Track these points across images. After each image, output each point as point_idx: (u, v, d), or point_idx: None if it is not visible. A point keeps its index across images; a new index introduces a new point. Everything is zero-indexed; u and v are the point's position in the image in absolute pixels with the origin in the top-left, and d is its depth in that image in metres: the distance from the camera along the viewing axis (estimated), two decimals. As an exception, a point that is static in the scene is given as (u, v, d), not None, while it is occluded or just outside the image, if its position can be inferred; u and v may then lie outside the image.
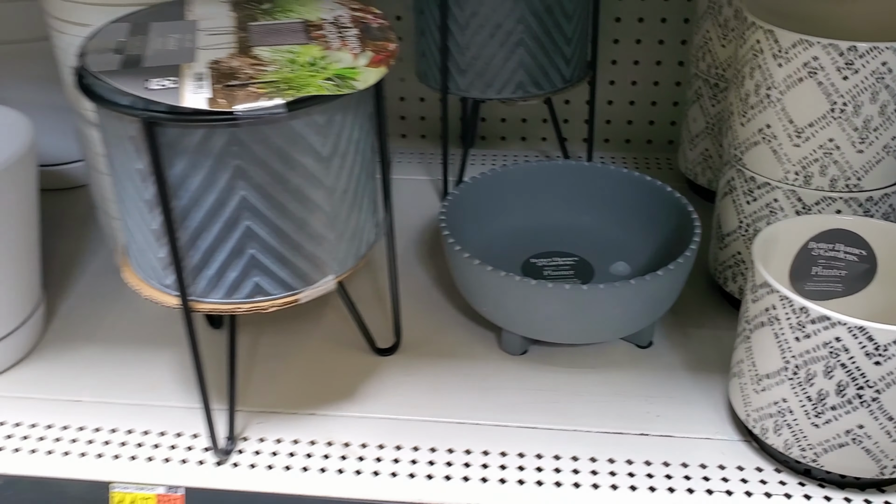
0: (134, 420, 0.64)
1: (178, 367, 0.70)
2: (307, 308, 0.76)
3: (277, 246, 0.54)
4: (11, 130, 0.68)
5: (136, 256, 0.57)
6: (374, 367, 0.69)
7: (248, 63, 0.51)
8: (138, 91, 0.48)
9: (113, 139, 0.52)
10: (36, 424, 0.64)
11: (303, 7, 0.60)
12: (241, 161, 0.50)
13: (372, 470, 0.60)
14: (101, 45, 0.53)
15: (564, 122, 1.05)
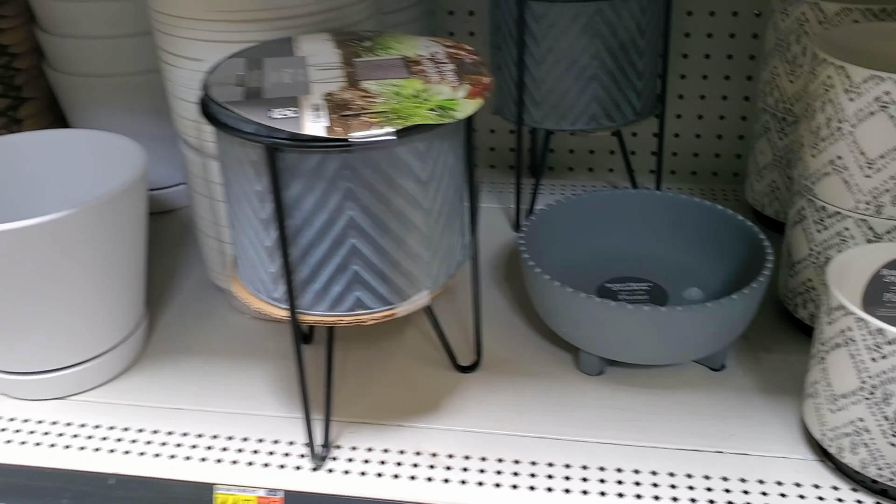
0: (233, 427, 0.68)
1: (271, 379, 0.74)
2: (389, 326, 0.80)
3: (378, 263, 0.58)
4: (126, 158, 0.73)
5: (246, 271, 0.61)
6: (455, 384, 0.72)
7: (359, 95, 0.55)
8: (262, 120, 0.52)
9: (233, 163, 0.57)
10: (143, 429, 0.69)
11: (400, 44, 0.64)
12: (351, 184, 0.54)
13: (459, 479, 0.63)
14: (222, 79, 0.58)
15: (631, 153, 1.09)
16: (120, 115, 0.95)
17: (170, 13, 0.68)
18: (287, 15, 0.67)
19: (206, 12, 0.66)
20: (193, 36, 0.68)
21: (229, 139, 0.56)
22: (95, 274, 0.68)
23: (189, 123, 0.73)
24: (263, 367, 0.75)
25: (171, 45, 0.70)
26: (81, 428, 0.69)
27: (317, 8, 0.67)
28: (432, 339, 0.78)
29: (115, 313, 0.72)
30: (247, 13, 0.66)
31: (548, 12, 0.83)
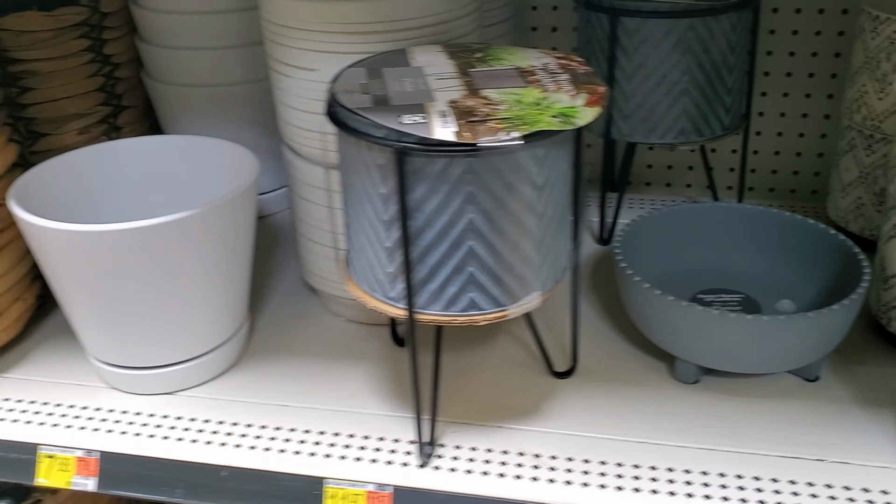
0: (339, 424, 0.71)
1: (370, 379, 0.76)
2: (482, 332, 0.81)
3: (493, 265, 0.59)
4: (239, 165, 0.76)
5: (362, 271, 0.64)
6: (552, 389, 0.74)
7: (481, 102, 0.57)
8: (394, 125, 0.55)
9: (358, 167, 0.59)
10: (251, 424, 0.71)
11: (511, 55, 0.66)
12: (473, 187, 0.56)
13: (564, 480, 0.64)
14: (347, 87, 0.61)
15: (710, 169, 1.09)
16: (215, 123, 0.99)
17: (286, 24, 0.71)
18: (399, 28, 0.69)
19: (322, 24, 0.69)
20: (308, 47, 0.71)
21: (356, 144, 0.58)
22: (211, 273, 0.70)
23: (297, 130, 0.76)
24: (361, 367, 0.78)
25: (284, 55, 0.73)
26: (191, 422, 0.72)
27: (428, 21, 0.70)
28: (524, 344, 0.80)
29: (225, 312, 0.74)
30: (362, 25, 0.69)
31: (641, 27, 0.85)
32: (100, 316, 0.70)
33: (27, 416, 0.73)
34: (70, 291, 0.70)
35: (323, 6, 0.68)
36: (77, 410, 0.74)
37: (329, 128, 0.73)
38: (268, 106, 0.99)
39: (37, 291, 0.83)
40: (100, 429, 0.72)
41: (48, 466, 0.69)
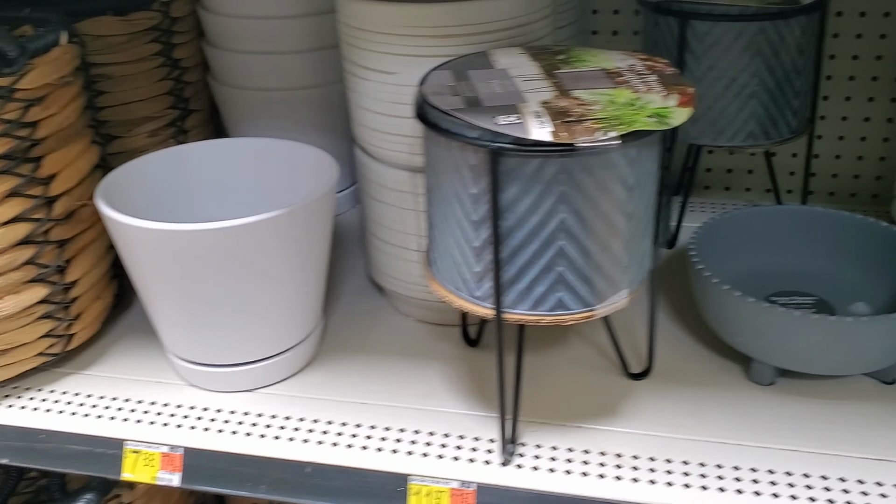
0: (418, 422, 0.71)
1: (446, 379, 0.77)
2: (553, 334, 0.82)
3: (582, 265, 0.60)
4: (316, 167, 0.77)
5: (446, 271, 0.64)
6: (628, 390, 0.74)
7: (574, 103, 0.58)
8: (489, 126, 0.55)
9: (448, 168, 0.60)
10: (332, 421, 0.72)
11: (594, 57, 0.67)
12: (566, 188, 0.57)
13: (648, 479, 0.65)
14: (436, 89, 0.62)
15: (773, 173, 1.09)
16: (279, 126, 1.00)
17: (366, 28, 0.72)
18: (480, 31, 0.70)
19: (404, 27, 0.70)
20: (389, 50, 0.72)
21: (447, 145, 0.59)
22: (294, 272, 0.71)
23: (372, 133, 0.77)
24: (435, 366, 0.78)
25: (363, 58, 0.74)
26: (272, 419, 0.73)
27: (507, 24, 0.71)
28: (596, 346, 0.80)
29: (304, 311, 0.75)
30: (443, 28, 0.70)
31: (711, 31, 0.85)
32: (184, 314, 0.71)
33: (111, 412, 0.75)
34: (155, 289, 0.71)
35: (405, 10, 0.69)
36: (159, 407, 0.75)
37: (406, 129, 0.74)
38: (332, 109, 1.00)
39: (114, 290, 0.84)
40: (182, 425, 0.73)
41: (134, 461, 0.71)
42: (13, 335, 0.73)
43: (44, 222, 0.71)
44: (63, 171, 0.73)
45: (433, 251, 0.66)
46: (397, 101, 0.74)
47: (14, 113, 0.68)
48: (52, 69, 0.70)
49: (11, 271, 0.71)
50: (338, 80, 0.98)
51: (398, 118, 0.74)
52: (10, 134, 0.68)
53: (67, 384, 0.78)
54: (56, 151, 0.72)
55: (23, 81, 0.67)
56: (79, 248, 0.76)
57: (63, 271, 0.74)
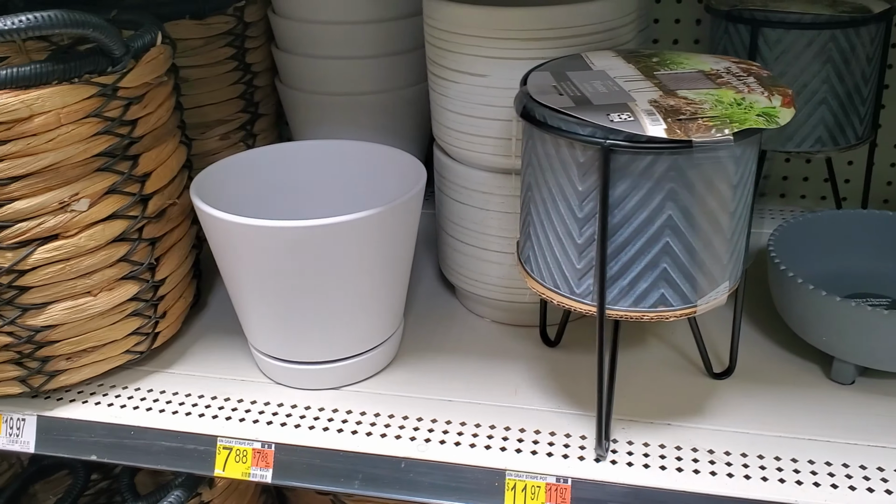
0: (508, 419, 0.72)
1: (529, 377, 0.77)
2: (631, 334, 0.83)
3: (686, 261, 0.61)
4: (405, 170, 0.78)
5: (545, 268, 0.65)
6: (711, 389, 0.75)
7: (684, 102, 0.59)
8: (604, 122, 0.57)
9: (554, 165, 0.61)
10: (422, 418, 0.73)
11: (688, 60, 0.68)
12: (675, 185, 0.58)
13: (742, 475, 0.65)
14: (540, 89, 0.63)
15: (824, 180, 1.11)
16: (346, 131, 1.01)
17: (458, 31, 0.74)
18: (570, 34, 0.71)
19: (497, 31, 0.71)
20: (481, 53, 0.73)
21: (554, 142, 0.60)
22: (384, 272, 0.72)
23: (458, 134, 0.78)
24: (516, 366, 0.79)
25: (453, 61, 0.75)
26: (362, 415, 0.74)
27: (597, 28, 0.72)
28: (674, 346, 0.81)
29: (390, 310, 0.76)
30: (536, 31, 0.71)
31: (782, 38, 0.86)
32: (275, 311, 0.72)
33: (199, 409, 0.75)
34: (248, 286, 0.72)
35: (499, 14, 0.71)
36: (246, 404, 0.76)
37: (495, 131, 0.75)
38: (399, 114, 1.02)
39: (194, 290, 0.85)
40: (273, 422, 0.73)
41: (226, 458, 0.72)
42: (103, 332, 0.74)
43: (138, 220, 0.72)
44: (157, 170, 0.74)
45: (529, 249, 0.67)
46: (487, 104, 0.75)
47: (115, 111, 0.69)
48: (150, 69, 0.71)
49: (106, 268, 0.72)
50: (406, 85, 1.00)
51: (487, 120, 0.75)
52: (112, 131, 0.69)
53: (152, 382, 0.79)
54: (151, 150, 0.73)
55: (125, 80, 0.68)
56: (167, 246, 0.77)
57: (153, 269, 0.75)
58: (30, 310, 0.70)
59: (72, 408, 0.76)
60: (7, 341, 0.70)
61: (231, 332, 0.86)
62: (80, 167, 0.68)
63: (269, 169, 0.83)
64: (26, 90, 0.63)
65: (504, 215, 0.79)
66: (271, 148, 0.84)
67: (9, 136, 0.64)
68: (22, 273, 0.68)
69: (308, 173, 0.85)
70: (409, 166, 0.79)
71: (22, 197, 0.66)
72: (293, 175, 0.85)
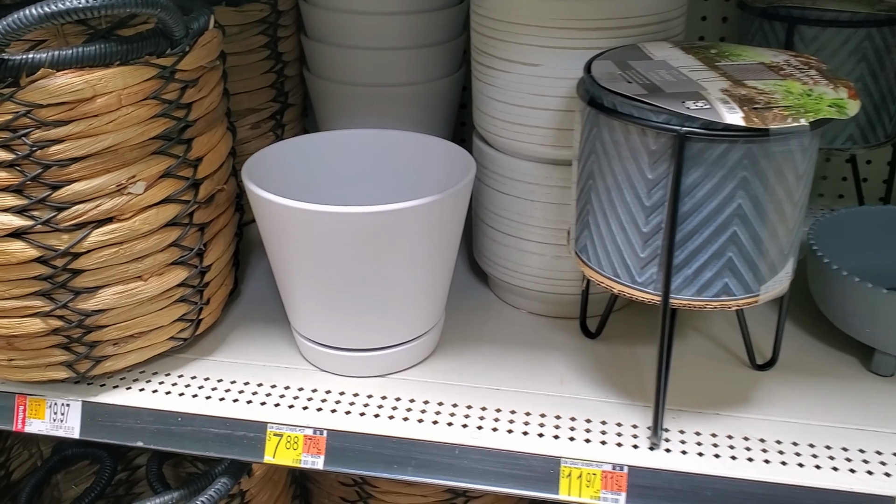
0: (558, 408, 0.73)
1: (575, 367, 0.78)
2: (671, 326, 0.84)
3: (751, 251, 0.62)
4: (455, 160, 0.78)
5: (605, 257, 0.66)
6: (756, 379, 0.76)
7: (755, 92, 0.60)
8: (680, 110, 0.57)
9: (622, 153, 0.62)
10: (472, 405, 0.73)
11: (746, 52, 0.69)
12: (747, 173, 0.59)
13: (795, 462, 0.66)
14: (607, 77, 0.63)
15: (842, 179, 1.13)
16: (375, 122, 1.01)
17: (512, 21, 0.74)
18: (626, 24, 0.72)
19: (553, 20, 0.72)
20: (536, 42, 0.73)
21: (624, 130, 0.61)
22: (432, 261, 0.73)
23: (504, 124, 0.79)
24: (560, 356, 0.80)
25: (505, 50, 0.76)
26: (411, 402, 0.74)
27: (652, 19, 0.73)
28: (712, 338, 0.82)
29: (437, 299, 0.76)
30: (592, 21, 0.71)
31: (819, 36, 0.88)
32: (325, 298, 0.72)
33: (247, 396, 0.75)
34: (298, 272, 0.72)
35: (557, 3, 0.71)
36: (294, 391, 0.75)
37: (546, 121, 0.76)
38: (430, 107, 1.01)
39: (233, 277, 0.85)
40: (322, 409, 0.73)
41: (276, 445, 0.71)
42: (151, 318, 0.73)
43: (190, 204, 0.72)
44: (208, 155, 0.73)
45: (586, 238, 0.68)
46: (538, 93, 0.75)
47: (173, 93, 0.68)
48: (205, 52, 0.71)
49: (158, 252, 0.71)
50: (437, 77, 1.00)
51: (537, 110, 0.76)
52: (169, 114, 0.68)
53: (195, 369, 0.79)
54: (203, 134, 0.72)
55: (183, 63, 0.68)
56: (214, 231, 0.76)
57: (201, 255, 0.75)
58: (81, 293, 0.69)
59: (116, 394, 0.75)
60: (57, 325, 0.69)
61: (269, 319, 0.85)
62: (137, 149, 0.67)
63: (317, 157, 0.83)
64: (90, 70, 0.62)
65: (548, 206, 0.80)
66: (319, 136, 0.84)
67: (71, 116, 0.63)
68: (76, 256, 0.67)
69: (354, 162, 0.85)
70: (457, 156, 0.79)
71: (81, 178, 0.65)
72: (339, 163, 0.85)
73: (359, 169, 0.85)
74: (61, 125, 0.63)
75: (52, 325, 0.69)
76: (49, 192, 0.65)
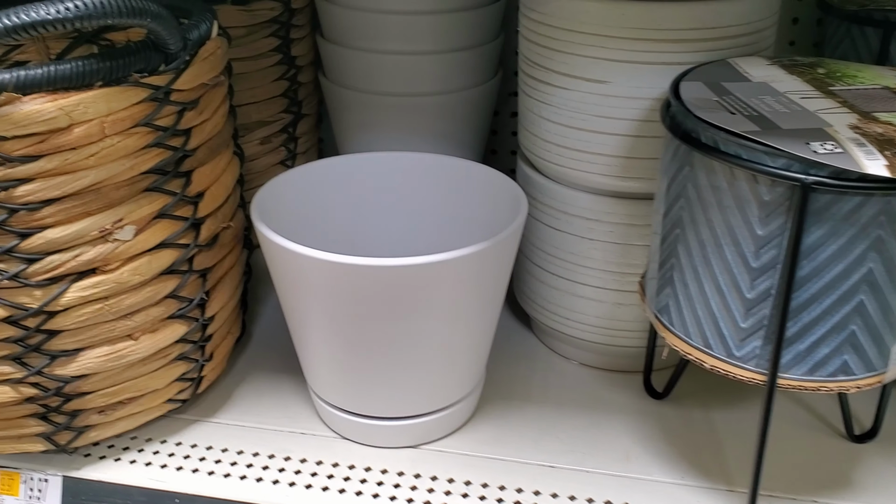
0: (627, 493, 0.61)
1: (640, 438, 0.66)
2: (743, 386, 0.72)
3: (878, 323, 0.50)
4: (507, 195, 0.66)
5: (694, 323, 0.54)
6: (855, 454, 0.65)
7: (892, 130, 0.48)
8: (804, 153, 0.45)
9: (723, 201, 0.50)
10: (522, 489, 0.62)
11: (860, 73, 0.57)
12: (883, 232, 0.47)
13: (920, 571, 0.55)
14: (700, 104, 0.51)
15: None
16: (397, 135, 0.89)
17: (573, 29, 0.62)
18: (713, 36, 0.60)
19: (623, 30, 0.60)
20: (601, 55, 0.62)
21: (729, 174, 0.49)
22: (479, 315, 0.61)
23: (557, 149, 0.67)
24: (621, 423, 0.68)
25: (563, 63, 0.64)
26: (450, 483, 0.63)
27: (743, 30, 0.61)
28: (792, 397, 0.70)
29: (480, 359, 0.65)
30: (672, 32, 0.59)
31: (921, 44, 0.76)
32: (352, 361, 0.61)
33: (256, 472, 0.63)
34: (317, 329, 0.60)
35: (631, 9, 0.59)
36: (311, 465, 0.64)
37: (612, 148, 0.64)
38: (456, 119, 0.90)
39: (241, 323, 0.73)
40: (346, 490, 0.62)
41: (291, 534, 0.60)
42: (143, 381, 0.62)
43: (190, 248, 0.60)
44: (210, 188, 0.61)
45: (668, 297, 0.56)
46: (604, 115, 0.63)
47: (168, 118, 0.56)
48: (208, 66, 0.59)
49: (151, 306, 0.59)
50: (469, 86, 0.88)
51: (602, 134, 0.64)
52: (163, 143, 0.56)
53: (195, 434, 0.67)
54: (205, 165, 0.61)
55: (180, 81, 0.56)
56: (218, 277, 0.65)
57: (203, 305, 0.63)
58: (59, 357, 0.57)
59: (103, 466, 0.64)
60: (32, 393, 0.58)
61: (280, 370, 0.74)
62: (125, 187, 0.55)
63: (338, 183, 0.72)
64: (65, 93, 0.51)
65: (610, 245, 0.68)
66: (340, 159, 0.72)
67: (42, 150, 0.51)
68: (52, 315, 0.55)
69: (382, 190, 0.73)
70: (503, 188, 0.67)
71: (56, 224, 0.53)
72: (363, 192, 0.73)
73: (387, 199, 0.73)
74: (30, 161, 0.51)
75: (26, 393, 0.58)
76: (17, 242, 0.53)
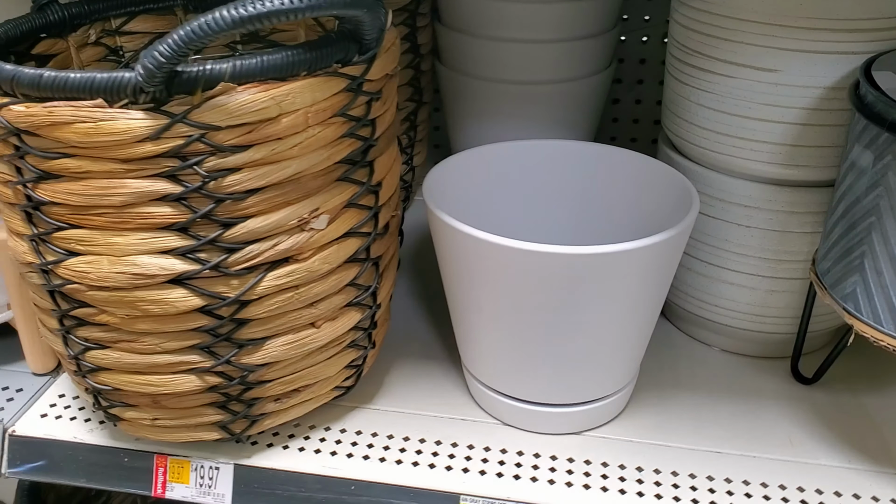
0: (796, 476, 0.62)
1: (799, 423, 0.67)
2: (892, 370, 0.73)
3: None
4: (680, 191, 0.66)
5: (890, 310, 0.55)
6: None
7: None
8: None
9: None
10: (695, 475, 0.62)
11: None
12: None
13: None
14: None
15: None
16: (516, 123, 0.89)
17: (743, 18, 0.62)
18: (891, 26, 0.60)
19: (798, 19, 0.60)
20: (772, 44, 0.62)
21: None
22: (645, 308, 0.62)
23: (717, 136, 0.67)
24: (776, 408, 0.69)
25: (727, 52, 0.64)
26: (622, 469, 0.63)
27: (918, 18, 0.61)
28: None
29: (644, 345, 0.66)
30: (850, 22, 0.60)
31: None
32: (524, 348, 0.61)
33: (426, 458, 0.64)
34: (489, 316, 0.61)
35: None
36: (479, 451, 0.65)
37: (778, 136, 0.64)
38: (578, 107, 0.90)
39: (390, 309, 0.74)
40: (520, 476, 0.63)
41: (471, 520, 0.61)
42: (319, 368, 0.62)
43: (370, 237, 0.61)
44: (387, 177, 0.62)
45: (856, 285, 0.57)
46: (772, 104, 0.64)
47: (360, 109, 0.57)
48: (391, 57, 0.59)
49: (334, 294, 0.60)
50: (587, 74, 0.88)
51: (769, 122, 0.64)
52: (355, 134, 0.57)
53: (358, 421, 0.68)
54: (383, 154, 0.61)
55: (371, 71, 0.56)
56: (385, 264, 0.65)
57: (375, 293, 0.64)
58: (246, 346, 0.58)
59: (273, 454, 0.65)
60: (215, 382, 0.59)
61: (425, 355, 0.75)
62: (321, 177, 0.56)
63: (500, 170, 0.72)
64: (275, 83, 0.51)
65: (769, 233, 0.68)
66: (504, 146, 0.73)
67: (252, 139, 0.51)
68: (245, 304, 0.56)
69: (545, 177, 0.74)
70: (672, 182, 0.67)
71: (258, 214, 0.54)
72: (526, 178, 0.74)
73: (549, 188, 0.74)
74: (240, 150, 0.51)
75: (210, 382, 0.59)
76: (220, 231, 0.53)
